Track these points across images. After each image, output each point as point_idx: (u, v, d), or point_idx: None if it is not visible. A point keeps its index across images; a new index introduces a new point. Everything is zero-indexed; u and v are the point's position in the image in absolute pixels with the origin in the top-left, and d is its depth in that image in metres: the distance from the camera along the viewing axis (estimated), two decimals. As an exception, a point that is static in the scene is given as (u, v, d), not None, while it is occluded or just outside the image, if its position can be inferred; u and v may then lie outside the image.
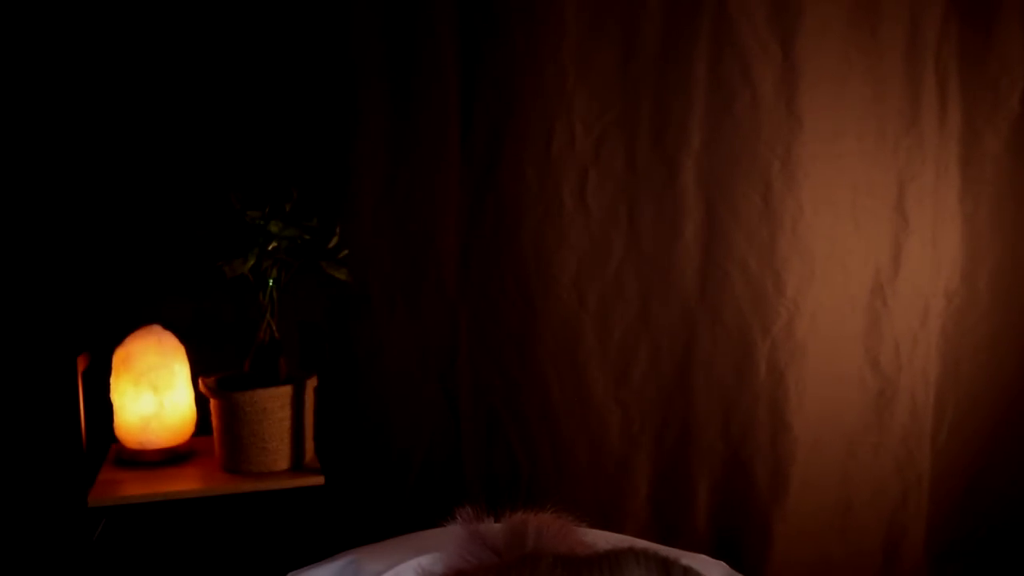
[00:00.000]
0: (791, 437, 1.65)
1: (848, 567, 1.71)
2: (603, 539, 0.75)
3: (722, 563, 0.87)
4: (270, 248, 1.34)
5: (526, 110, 1.54)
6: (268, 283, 1.37)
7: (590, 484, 1.63)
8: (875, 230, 1.66)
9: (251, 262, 1.32)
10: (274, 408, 1.36)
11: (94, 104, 1.43)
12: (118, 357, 1.40)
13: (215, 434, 1.38)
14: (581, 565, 0.41)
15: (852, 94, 1.61)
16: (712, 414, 1.64)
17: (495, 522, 0.52)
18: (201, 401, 1.43)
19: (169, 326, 1.43)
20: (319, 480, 1.36)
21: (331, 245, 1.40)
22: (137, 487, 1.31)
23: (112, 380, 1.40)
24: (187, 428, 1.43)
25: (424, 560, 0.72)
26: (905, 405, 1.70)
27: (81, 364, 1.34)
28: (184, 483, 1.34)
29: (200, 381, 1.39)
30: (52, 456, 1.42)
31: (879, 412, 1.69)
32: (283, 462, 1.38)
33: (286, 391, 1.37)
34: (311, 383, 1.40)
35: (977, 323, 1.71)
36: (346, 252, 1.40)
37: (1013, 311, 1.72)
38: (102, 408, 1.41)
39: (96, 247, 1.46)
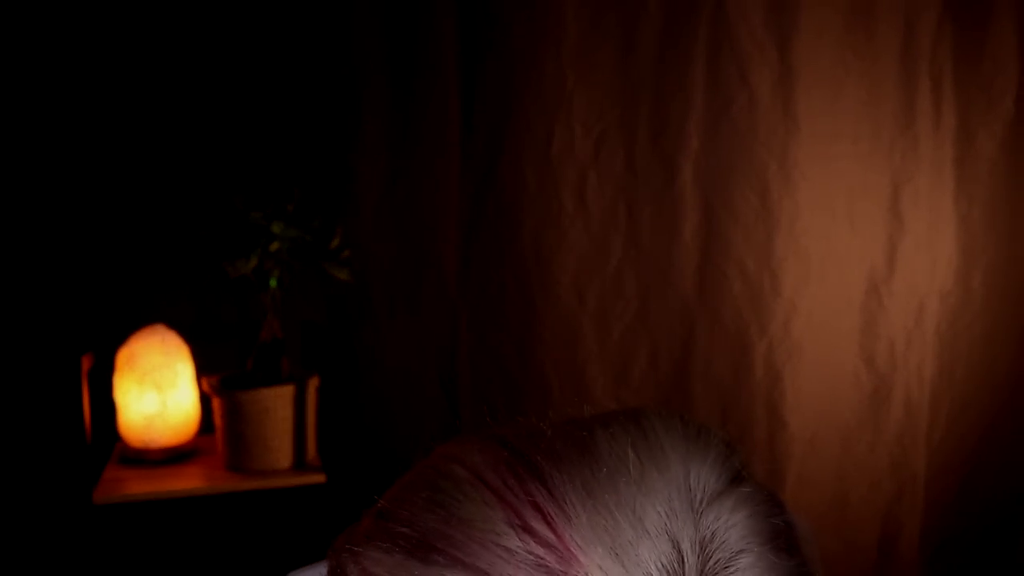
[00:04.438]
0: (788, 435, 1.66)
1: (843, 563, 1.73)
2: None
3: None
4: (272, 248, 1.35)
5: (526, 111, 1.55)
6: (270, 283, 1.39)
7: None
8: (870, 231, 1.67)
9: (253, 262, 1.33)
10: (276, 407, 1.37)
11: (97, 104, 1.44)
12: (122, 356, 1.41)
13: (218, 433, 1.40)
14: (595, 421, 0.40)
15: (848, 96, 1.63)
16: (710, 412, 1.66)
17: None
18: (204, 400, 1.44)
19: (173, 326, 1.44)
20: (321, 478, 1.37)
21: (333, 246, 1.41)
22: (141, 485, 1.33)
23: (116, 379, 1.41)
24: (190, 427, 1.45)
25: None
26: (900, 403, 1.71)
27: (86, 363, 1.35)
28: (187, 481, 1.35)
29: (203, 380, 1.40)
30: (57, 455, 1.43)
31: (875, 410, 1.71)
32: (285, 461, 1.39)
33: (288, 390, 1.38)
34: (313, 382, 1.41)
35: (971, 322, 1.73)
36: (348, 252, 1.42)
37: (1007, 310, 1.74)
38: (106, 407, 1.43)
39: (100, 248, 1.47)
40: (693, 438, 0.39)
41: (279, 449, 1.38)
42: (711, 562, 0.35)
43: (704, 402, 1.65)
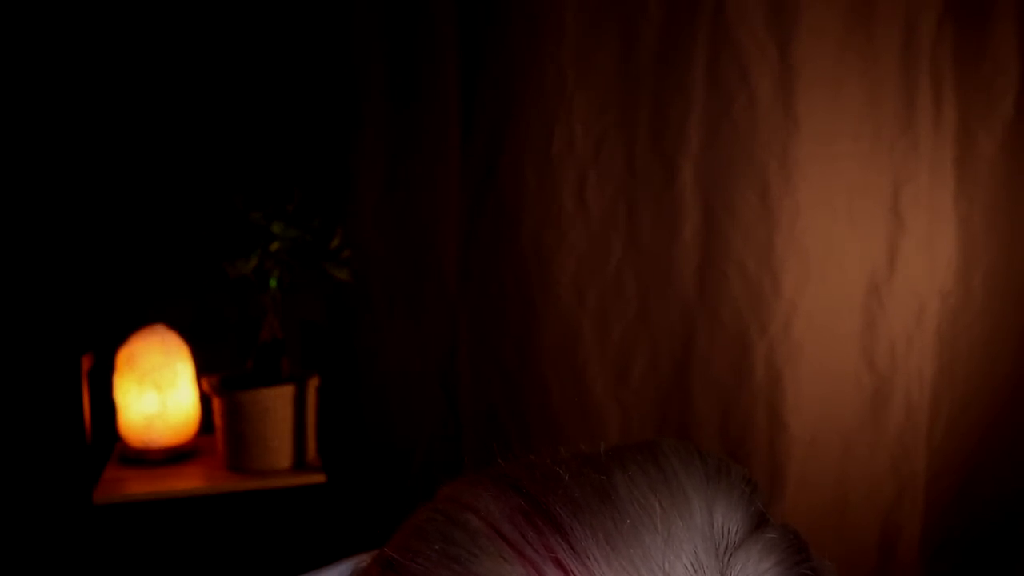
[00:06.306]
0: (788, 436, 1.66)
1: (843, 564, 1.73)
2: None
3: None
4: (272, 248, 1.35)
5: (526, 111, 1.56)
6: (270, 283, 1.39)
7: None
8: (871, 231, 1.67)
9: (253, 262, 1.34)
10: (276, 407, 1.37)
11: (98, 105, 1.45)
12: (122, 356, 1.41)
13: (218, 433, 1.40)
14: (611, 461, 0.38)
15: (848, 96, 1.63)
16: (710, 413, 1.66)
17: None
18: (204, 400, 1.44)
19: (173, 326, 1.44)
20: (321, 478, 1.37)
21: (333, 246, 1.41)
22: (141, 485, 1.33)
23: (116, 379, 1.42)
24: (190, 427, 1.45)
25: None
26: (900, 404, 1.71)
27: (86, 363, 1.36)
28: (187, 481, 1.35)
29: (203, 380, 1.41)
30: (57, 455, 1.44)
31: (875, 411, 1.71)
32: (285, 460, 1.39)
33: (288, 390, 1.38)
34: (313, 382, 1.41)
35: (972, 323, 1.73)
36: (348, 252, 1.42)
37: (1007, 311, 1.74)
38: (106, 407, 1.43)
39: (100, 248, 1.47)
40: (714, 478, 0.37)
41: (279, 449, 1.38)
42: None
43: (704, 402, 1.65)
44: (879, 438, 1.71)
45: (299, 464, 1.40)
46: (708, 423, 1.66)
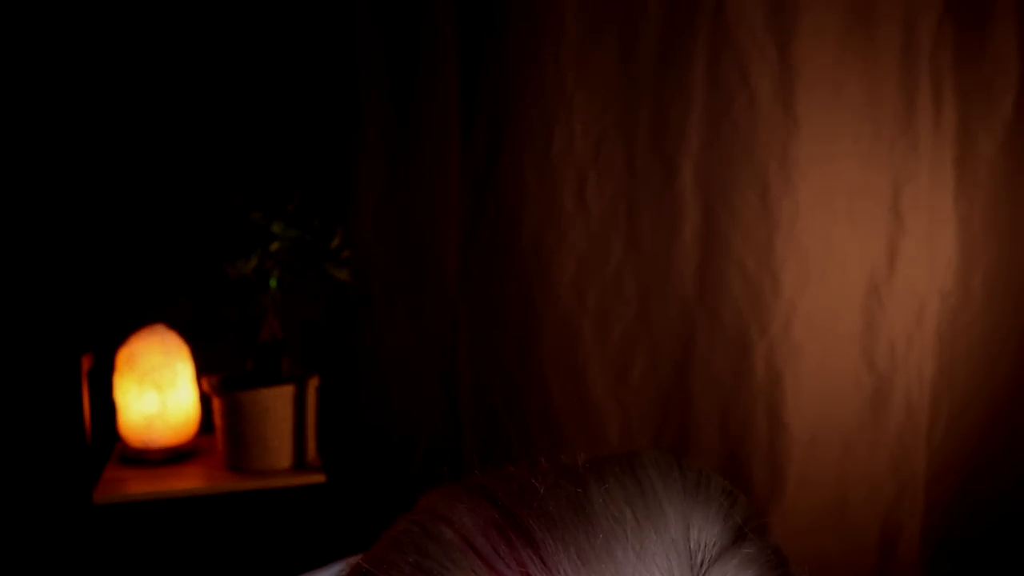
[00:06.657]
0: (788, 436, 1.66)
1: (844, 564, 1.73)
2: None
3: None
4: (272, 248, 1.35)
5: (526, 111, 1.56)
6: (270, 283, 1.39)
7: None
8: (871, 231, 1.67)
9: (253, 262, 1.34)
10: (276, 407, 1.37)
11: (98, 105, 1.45)
12: (122, 356, 1.41)
13: (218, 433, 1.40)
14: (589, 473, 0.38)
15: (848, 96, 1.63)
16: (710, 413, 1.66)
17: None
18: (204, 400, 1.44)
19: (173, 326, 1.44)
20: (321, 478, 1.37)
21: (333, 246, 1.41)
22: (141, 485, 1.33)
23: (116, 379, 1.42)
24: (190, 427, 1.45)
25: None
26: (900, 404, 1.71)
27: (86, 363, 1.36)
28: (187, 481, 1.35)
29: (203, 380, 1.41)
30: (57, 455, 1.44)
31: (875, 411, 1.71)
32: (285, 460, 1.39)
33: (288, 390, 1.38)
34: (313, 382, 1.41)
35: (971, 323, 1.73)
36: (348, 252, 1.42)
37: (1007, 311, 1.74)
38: (106, 407, 1.43)
39: (100, 248, 1.47)
40: (692, 491, 0.37)
41: (279, 449, 1.38)
42: None
43: (704, 402, 1.65)
44: (879, 438, 1.71)
45: (299, 464, 1.40)
46: (708, 423, 1.66)
